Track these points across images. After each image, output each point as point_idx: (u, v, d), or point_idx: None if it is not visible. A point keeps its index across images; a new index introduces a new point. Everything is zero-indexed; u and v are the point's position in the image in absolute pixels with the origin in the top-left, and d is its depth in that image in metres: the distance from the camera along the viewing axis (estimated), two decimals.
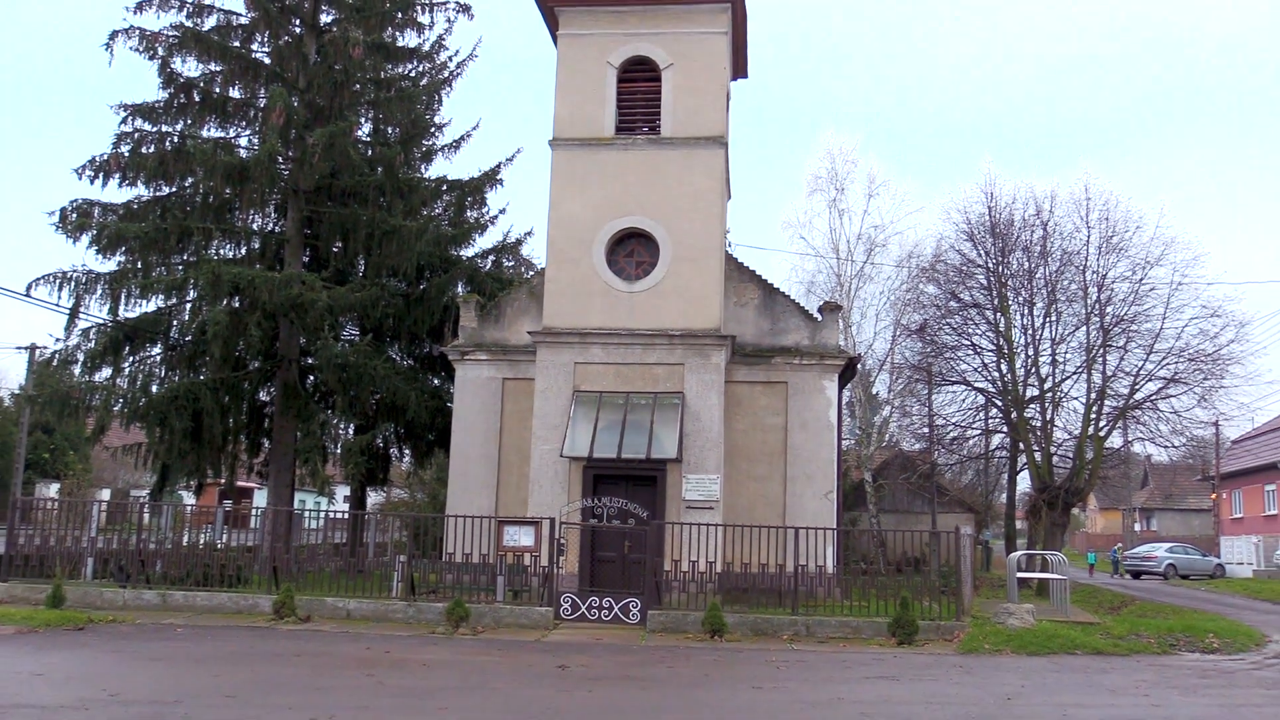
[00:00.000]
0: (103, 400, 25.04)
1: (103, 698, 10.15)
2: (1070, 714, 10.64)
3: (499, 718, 9.73)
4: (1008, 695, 11.70)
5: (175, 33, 25.45)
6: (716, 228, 21.47)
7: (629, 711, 10.52)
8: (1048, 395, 29.82)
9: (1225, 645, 16.60)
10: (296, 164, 25.27)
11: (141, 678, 11.75)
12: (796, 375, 22.10)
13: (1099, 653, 15.48)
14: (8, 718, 9.00)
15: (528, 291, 23.20)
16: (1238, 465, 50.84)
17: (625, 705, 10.91)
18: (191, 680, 11.54)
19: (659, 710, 10.64)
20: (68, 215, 25.06)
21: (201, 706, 9.91)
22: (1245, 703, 11.60)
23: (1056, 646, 15.62)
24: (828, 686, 12.27)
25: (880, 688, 12.17)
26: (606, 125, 21.70)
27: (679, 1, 21.90)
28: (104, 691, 10.51)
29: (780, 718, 9.95)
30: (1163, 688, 12.49)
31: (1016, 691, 11.96)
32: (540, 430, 20.79)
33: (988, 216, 30.56)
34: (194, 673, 12.08)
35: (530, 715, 9.95)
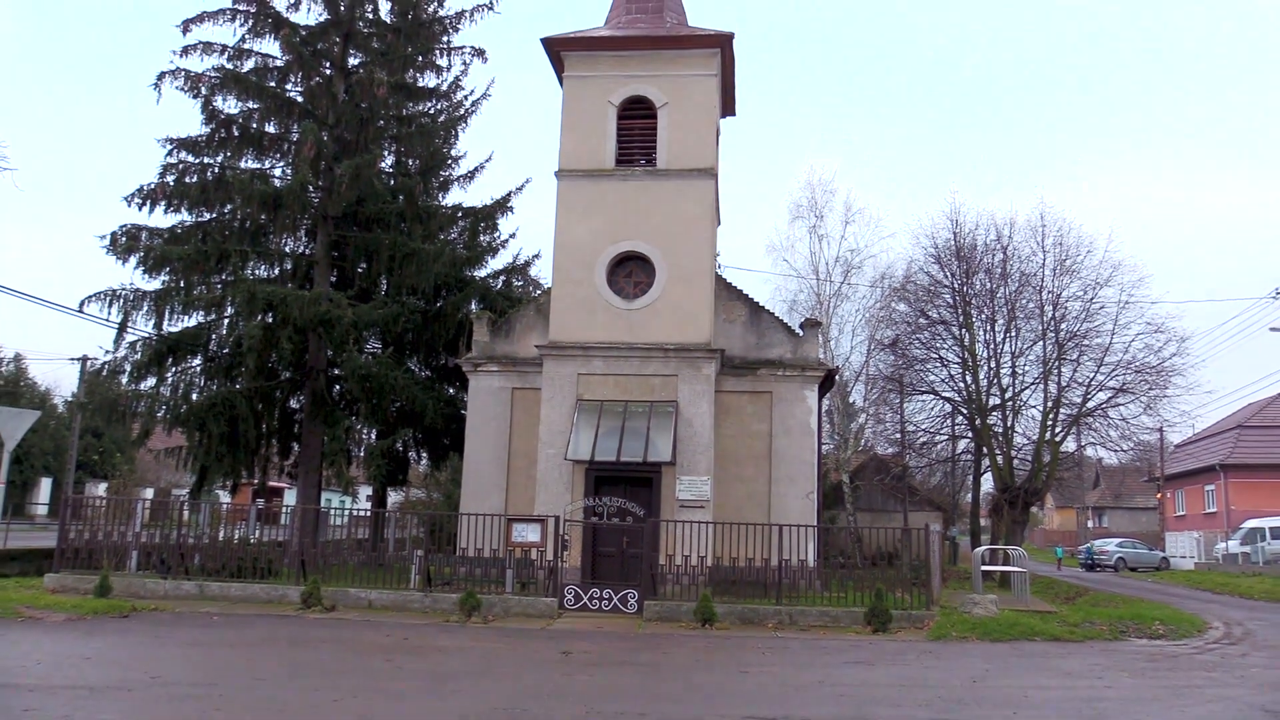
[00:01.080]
0: (147, 407, 24.91)
1: (144, 679, 10.07)
2: (1031, 695, 10.57)
3: (509, 698, 9.65)
4: (974, 678, 11.64)
5: (217, 74, 25.42)
6: (707, 251, 21.46)
7: (628, 692, 10.44)
8: (1008, 404, 29.83)
9: (1170, 632, 16.54)
10: (325, 193, 25.24)
11: (180, 661, 11.66)
12: (780, 385, 22.06)
13: (1056, 639, 15.40)
14: (59, 697, 8.92)
15: (535, 309, 23.15)
16: (1180, 468, 50.81)
17: (624, 687, 10.83)
18: (226, 664, 11.46)
19: (655, 691, 10.56)
20: (118, 239, 24.97)
21: (235, 688, 9.83)
22: (1188, 684, 11.54)
23: (1018, 633, 15.55)
24: (809, 670, 12.20)
25: (857, 671, 12.10)
26: (607, 158, 21.71)
27: (674, 47, 21.96)
28: (146, 674, 10.42)
29: (766, 698, 9.87)
30: (1114, 671, 12.42)
31: (982, 674, 11.90)
32: (546, 436, 20.72)
33: (953, 242, 30.66)
34: (228, 657, 12.00)
35: (537, 696, 9.87)
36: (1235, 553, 38.83)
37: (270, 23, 25.78)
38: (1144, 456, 39.63)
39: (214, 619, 15.49)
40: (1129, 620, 17.29)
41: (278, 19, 25.77)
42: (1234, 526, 41.86)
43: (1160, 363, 28.76)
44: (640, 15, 22.95)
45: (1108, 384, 29.20)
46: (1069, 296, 29.54)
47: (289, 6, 26.12)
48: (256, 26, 25.88)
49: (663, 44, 21.98)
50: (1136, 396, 29.19)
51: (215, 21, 25.65)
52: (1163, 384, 28.81)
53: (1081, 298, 29.42)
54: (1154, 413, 29.61)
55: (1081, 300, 29.41)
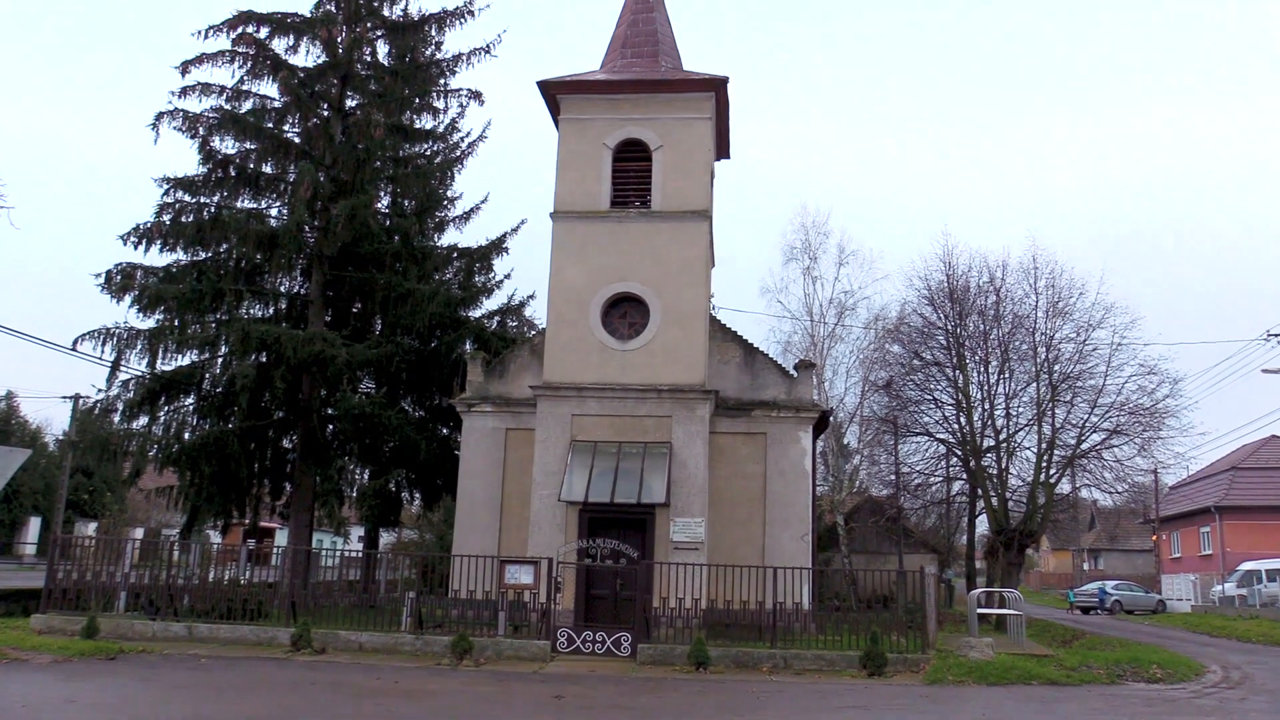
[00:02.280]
0: (139, 446, 24.81)
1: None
2: None
3: None
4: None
5: (215, 115, 25.63)
6: (702, 292, 21.55)
7: None
8: (1003, 445, 29.79)
9: (1168, 675, 16.42)
10: (321, 233, 25.36)
11: (167, 705, 11.51)
12: (774, 427, 22.04)
13: (1053, 683, 15.28)
14: None
15: (529, 349, 23.18)
16: (1175, 509, 50.74)
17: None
18: (213, 707, 11.31)
19: None
20: (113, 277, 24.95)
21: None
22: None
23: (1014, 677, 15.43)
24: (805, 715, 12.07)
25: (853, 716, 11.98)
26: (602, 200, 21.87)
27: (668, 91, 22.23)
28: (130, 718, 10.28)
29: None
30: (1112, 715, 12.31)
31: (979, 719, 11.79)
32: (540, 476, 20.64)
33: (946, 283, 30.79)
34: (216, 700, 11.84)
35: None
36: (1232, 595, 38.66)
37: (269, 65, 26.05)
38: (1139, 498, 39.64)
39: (202, 661, 15.30)
40: (1126, 664, 17.16)
41: (276, 61, 26.05)
42: (1230, 569, 41.72)
43: (1154, 404, 28.79)
44: (636, 60, 23.27)
45: (1102, 425, 29.20)
46: (1062, 338, 29.65)
47: (288, 49, 26.41)
48: (255, 68, 26.15)
49: (657, 88, 22.25)
50: (1130, 438, 29.17)
51: (214, 63, 25.91)
52: (1156, 425, 28.81)
53: (1074, 339, 29.54)
54: (1148, 454, 29.57)
55: (1074, 342, 29.52)
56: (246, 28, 25.94)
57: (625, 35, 23.77)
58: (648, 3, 23.91)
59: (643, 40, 23.49)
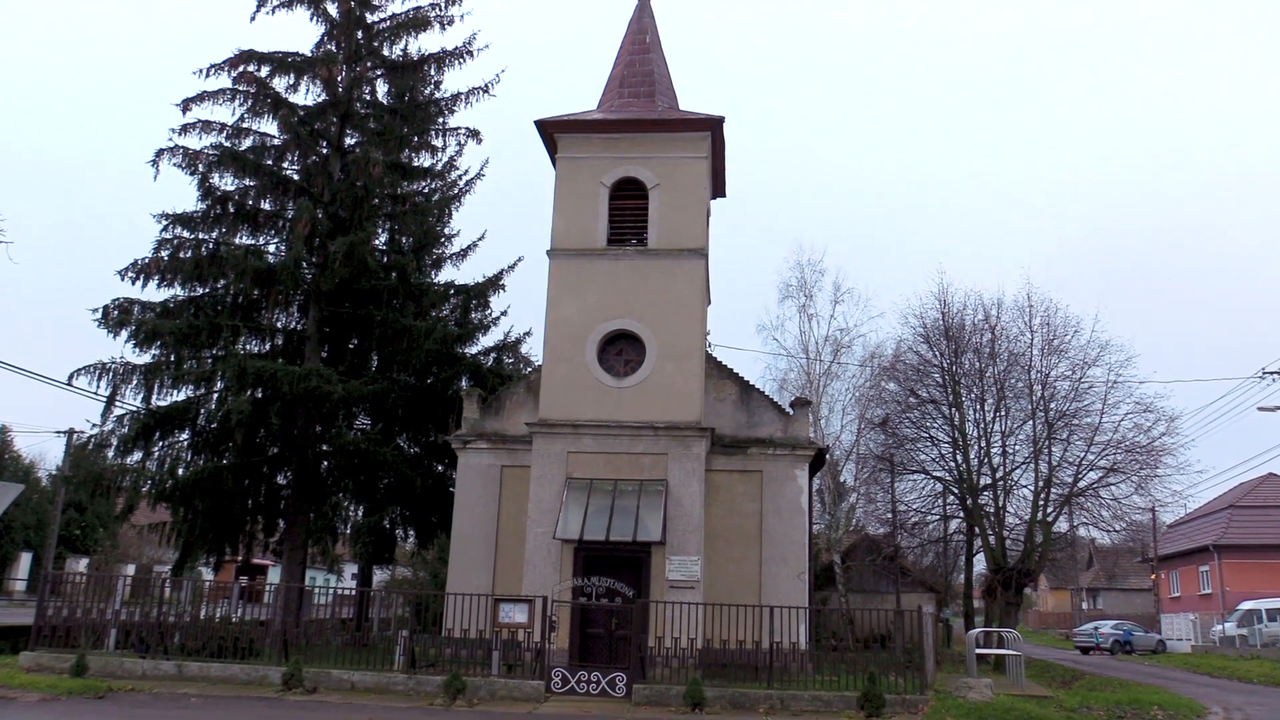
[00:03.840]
0: (133, 482, 24.68)
1: None
2: None
3: None
4: None
5: (215, 152, 25.81)
6: (698, 330, 21.62)
7: None
8: (999, 483, 29.75)
9: (1169, 718, 16.28)
10: (319, 269, 25.45)
11: None
12: (770, 465, 21.99)
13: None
14: None
15: (525, 386, 23.18)
16: (1174, 548, 50.56)
17: None
18: None
19: None
20: (110, 312, 24.98)
21: None
22: None
23: (1014, 719, 15.28)
24: None
25: None
26: (599, 237, 21.99)
27: (665, 130, 22.45)
28: None
29: None
30: None
31: None
32: (535, 514, 20.56)
33: (941, 321, 30.96)
34: None
35: None
36: (1232, 635, 38.43)
37: (269, 103, 26.30)
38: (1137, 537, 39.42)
39: (192, 700, 15.13)
40: (1127, 706, 17.01)
41: (277, 99, 26.30)
42: (1230, 608, 41.51)
43: (1150, 442, 28.84)
44: (633, 100, 23.52)
45: (1098, 463, 29.21)
46: (1057, 376, 29.78)
47: (288, 88, 26.70)
48: (256, 106, 26.39)
49: (654, 127, 22.47)
50: (1127, 476, 29.18)
51: (215, 101, 26.16)
52: (1153, 463, 28.84)
53: (1070, 377, 29.66)
54: (1145, 492, 29.57)
55: (1070, 380, 29.64)
56: (248, 66, 26.23)
57: (622, 75, 24.05)
58: (644, 44, 24.22)
59: (639, 80, 23.77)
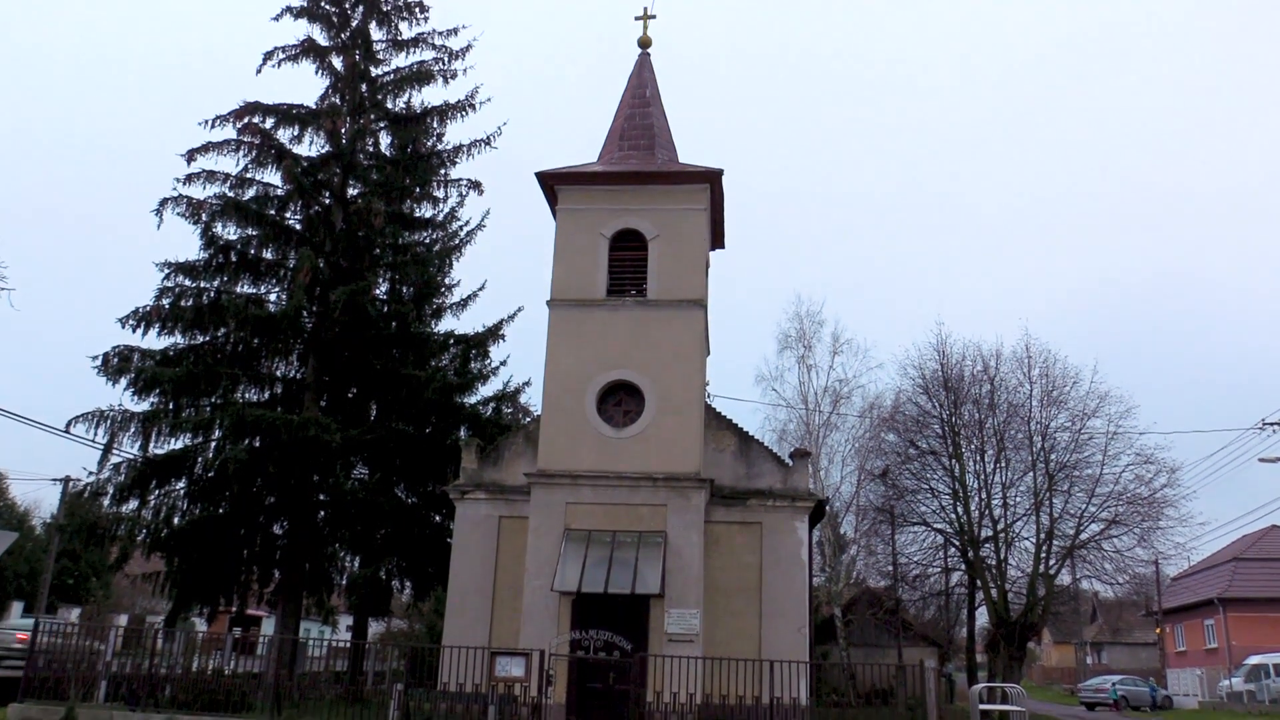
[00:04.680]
0: (127, 530, 24.58)
1: None
2: None
3: None
4: None
5: (218, 201, 26.07)
6: (697, 381, 21.65)
7: None
8: (1001, 535, 29.60)
9: None
10: (319, 318, 25.57)
11: None
12: (770, 516, 21.84)
13: None
14: None
15: (524, 436, 23.13)
16: (1178, 601, 50.11)
17: None
18: None
19: None
20: (110, 359, 25.04)
21: None
22: None
23: None
24: None
25: None
26: (599, 288, 22.11)
27: (665, 183, 22.69)
28: None
29: None
30: None
31: None
32: (533, 565, 20.40)
33: (941, 372, 31.04)
34: None
35: None
36: (1240, 690, 37.92)
37: (273, 154, 26.64)
38: (1141, 590, 39.16)
39: None
40: None
41: (281, 150, 26.64)
42: (1237, 663, 41.01)
43: (1152, 494, 28.77)
44: (633, 152, 23.80)
45: (1100, 515, 29.10)
46: (1057, 427, 29.78)
47: (292, 139, 27.09)
48: (260, 157, 26.74)
49: (654, 180, 22.71)
50: (1130, 528, 29.05)
51: (220, 151, 26.52)
52: (1155, 515, 28.74)
53: (1070, 428, 29.66)
54: (1148, 545, 29.42)
55: (1070, 431, 29.63)
56: (253, 118, 26.61)
57: (623, 128, 24.37)
58: (644, 98, 24.58)
59: (639, 133, 24.08)
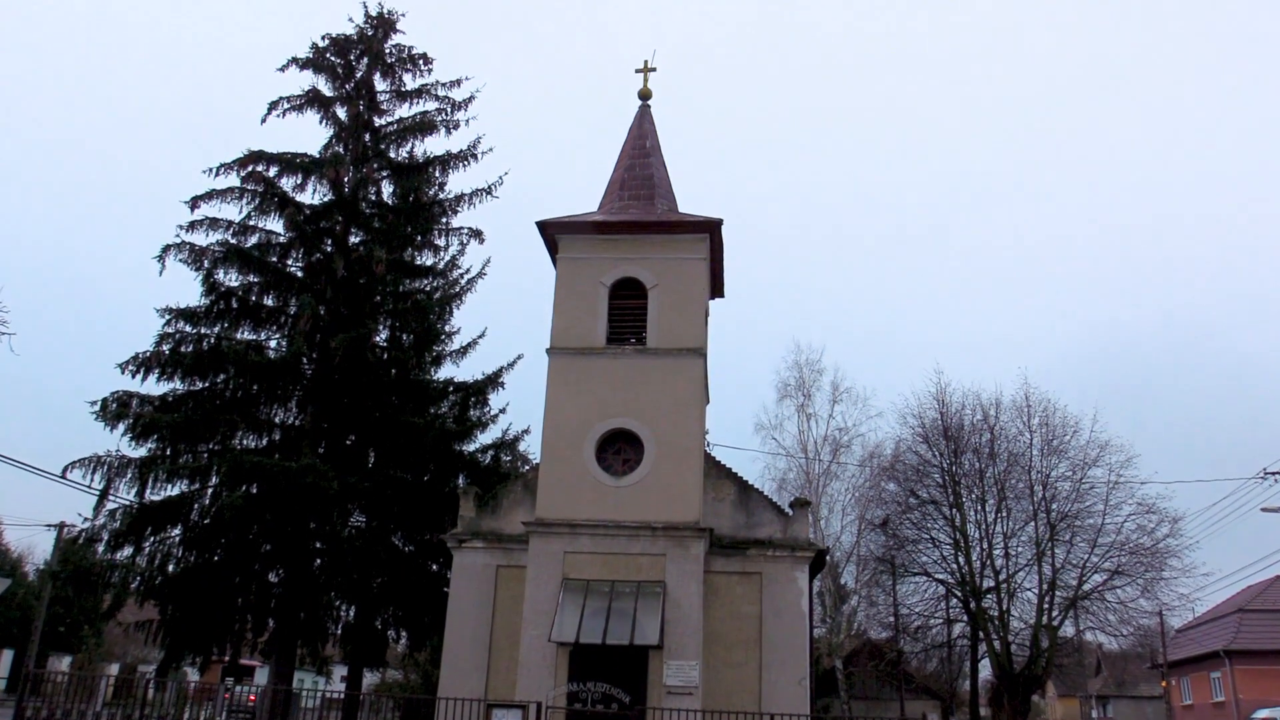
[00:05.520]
0: (121, 578, 24.42)
1: None
2: None
3: None
4: None
5: (221, 249, 26.28)
6: (696, 429, 21.64)
7: None
8: (1003, 586, 29.41)
9: None
10: (319, 364, 25.62)
11: None
12: (770, 566, 21.68)
13: None
14: None
15: (523, 485, 23.04)
16: (1183, 653, 49.51)
17: None
18: None
19: None
20: (108, 405, 25.03)
21: None
22: None
23: None
24: None
25: None
26: (598, 336, 22.17)
27: (664, 232, 22.87)
28: None
29: None
30: None
31: None
32: (530, 615, 20.21)
33: (940, 421, 31.06)
34: None
35: None
36: None
37: (276, 202, 26.91)
38: (1145, 642, 38.79)
39: None
40: None
41: (284, 198, 26.92)
42: (1244, 716, 40.41)
43: (1154, 544, 28.67)
44: (633, 202, 24.02)
45: (1103, 566, 28.96)
46: (1058, 476, 29.76)
47: (295, 187, 27.37)
48: (263, 204, 27.02)
49: (654, 229, 22.89)
50: (1133, 579, 28.90)
51: (223, 199, 26.81)
52: (1158, 565, 28.61)
53: (1070, 477, 29.62)
54: (1152, 595, 29.23)
55: (1071, 480, 29.59)
56: (257, 166, 26.95)
57: (623, 178, 24.63)
58: (644, 149, 24.89)
59: (640, 183, 24.33)
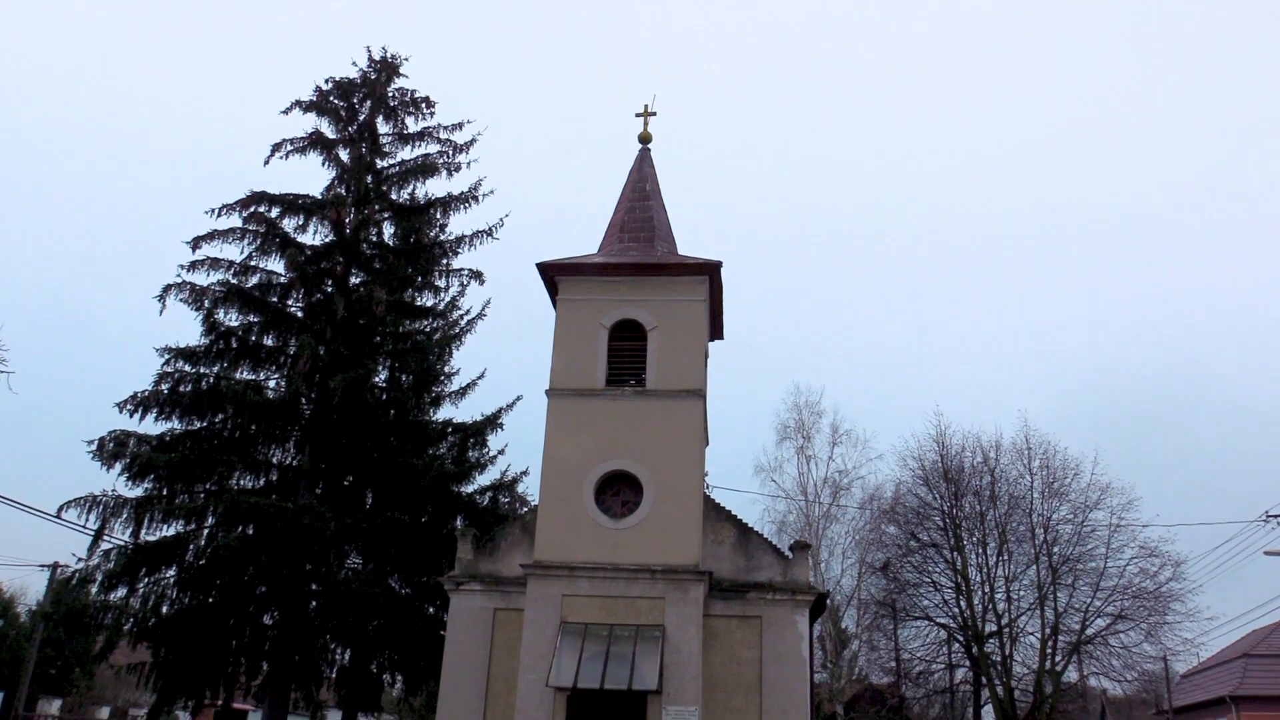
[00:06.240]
0: (114, 619, 24.20)
1: None
2: None
3: None
4: None
5: (221, 289, 26.38)
6: (696, 471, 21.57)
7: None
8: (1005, 630, 29.21)
9: None
10: (317, 405, 25.61)
11: None
12: (770, 610, 21.49)
13: None
14: None
15: (521, 526, 22.91)
16: (1189, 699, 48.90)
17: None
18: None
19: None
20: (105, 444, 24.93)
21: None
22: None
23: None
24: None
25: None
26: (598, 378, 22.17)
27: (664, 274, 22.98)
28: None
29: None
30: None
31: None
32: (527, 659, 20.02)
33: (940, 464, 31.01)
34: None
35: None
36: None
37: (278, 242, 27.06)
38: (1150, 687, 38.40)
39: None
40: None
41: (285, 239, 27.08)
42: None
43: (1157, 587, 28.52)
44: (633, 244, 24.17)
45: (1105, 610, 28.80)
46: (1059, 519, 29.70)
47: (297, 228, 27.54)
48: (264, 245, 27.16)
49: (653, 271, 22.99)
50: (1136, 623, 28.72)
51: (225, 240, 26.95)
52: (1162, 609, 28.46)
53: (1072, 520, 29.56)
54: (1156, 640, 29.05)
55: (1072, 523, 29.52)
56: (259, 207, 27.14)
57: (623, 220, 24.80)
58: (644, 192, 25.09)
59: (640, 226, 24.50)
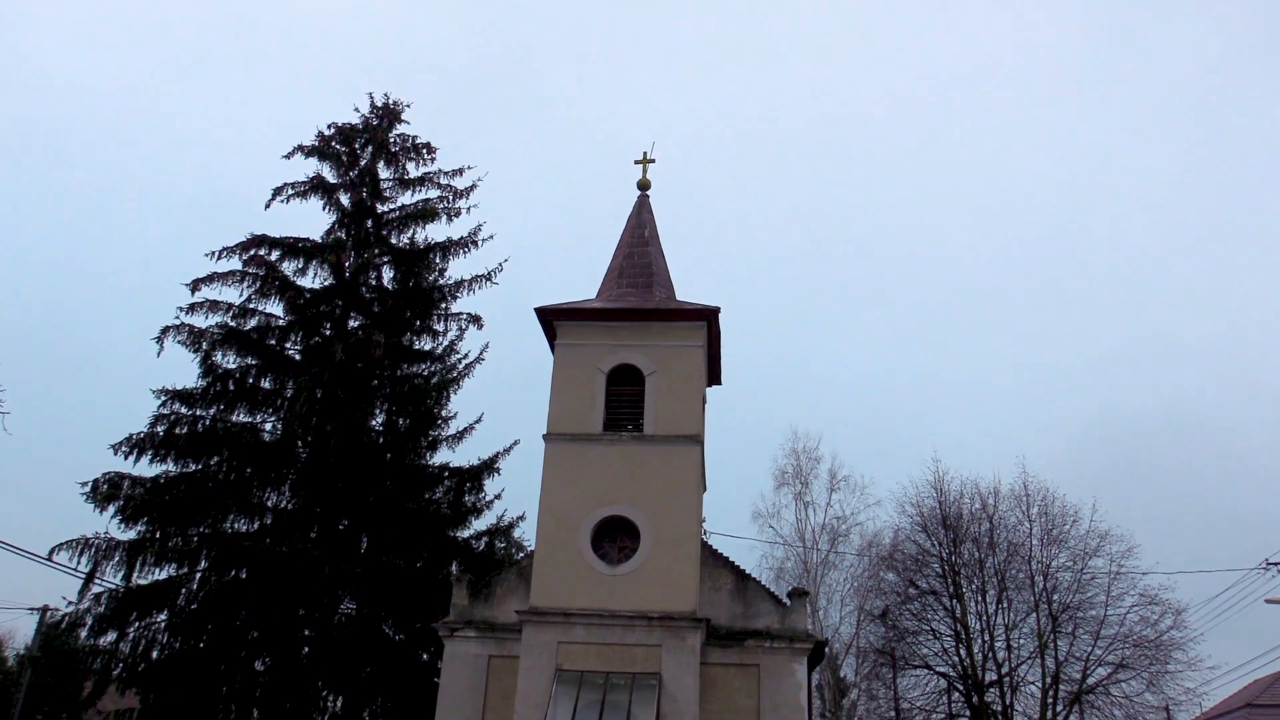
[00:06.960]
0: (104, 664, 23.92)
1: None
2: None
3: None
4: None
5: (220, 331, 26.46)
6: (693, 517, 21.49)
7: None
8: (1005, 680, 28.95)
9: None
10: (313, 448, 25.55)
11: None
12: (768, 658, 21.29)
13: None
14: None
15: (517, 572, 22.75)
16: None
17: None
18: None
19: None
20: (99, 486, 24.80)
21: None
22: None
23: None
24: None
25: None
26: (595, 423, 22.16)
27: (662, 320, 23.08)
28: None
29: None
30: None
31: None
32: (522, 708, 19.76)
33: (939, 510, 30.95)
34: None
35: None
36: None
37: (277, 285, 27.17)
38: None
39: None
40: None
41: (284, 282, 27.19)
42: None
43: (1158, 635, 28.34)
44: (631, 289, 24.30)
45: (1106, 658, 28.59)
46: (1059, 566, 29.60)
47: (296, 271, 27.65)
48: (264, 288, 27.25)
49: (652, 316, 23.09)
50: (1138, 672, 28.51)
51: (225, 282, 27.04)
52: (1163, 658, 28.26)
53: (1071, 568, 29.47)
54: (1157, 690, 28.78)
55: (1072, 571, 29.42)
56: (259, 250, 27.27)
57: (621, 266, 24.97)
58: (643, 238, 25.30)
59: (638, 272, 24.66)
